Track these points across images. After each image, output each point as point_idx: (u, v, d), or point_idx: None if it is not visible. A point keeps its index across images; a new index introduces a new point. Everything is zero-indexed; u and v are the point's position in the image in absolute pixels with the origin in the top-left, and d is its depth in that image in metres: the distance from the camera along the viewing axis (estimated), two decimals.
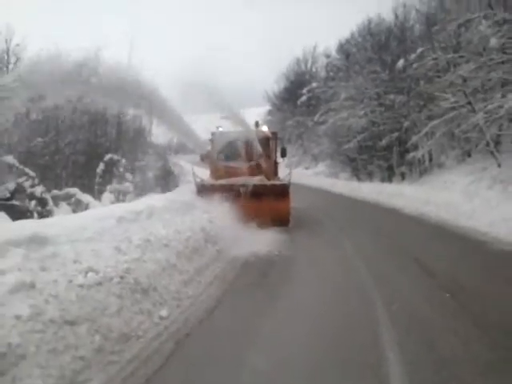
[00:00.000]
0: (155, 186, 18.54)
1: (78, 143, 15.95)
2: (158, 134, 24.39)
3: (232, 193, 9.69)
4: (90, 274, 3.93)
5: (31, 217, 8.84)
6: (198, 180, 10.85)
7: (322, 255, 7.40)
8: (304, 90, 41.49)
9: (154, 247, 5.37)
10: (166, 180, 21.14)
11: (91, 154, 15.37)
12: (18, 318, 3.02)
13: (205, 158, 12.34)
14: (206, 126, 12.70)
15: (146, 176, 18.11)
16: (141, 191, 14.43)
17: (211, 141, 12.10)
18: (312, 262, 6.92)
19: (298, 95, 42.99)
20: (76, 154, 15.05)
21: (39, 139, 13.76)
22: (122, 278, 4.22)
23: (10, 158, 9.67)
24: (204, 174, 11.97)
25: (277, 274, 6.13)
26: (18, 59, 19.01)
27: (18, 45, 19.25)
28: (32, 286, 3.37)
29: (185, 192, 10.94)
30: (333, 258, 7.09)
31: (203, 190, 10.28)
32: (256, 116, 20.55)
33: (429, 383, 3.03)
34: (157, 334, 3.93)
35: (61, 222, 4.96)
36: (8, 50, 19.44)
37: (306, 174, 35.95)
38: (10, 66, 18.32)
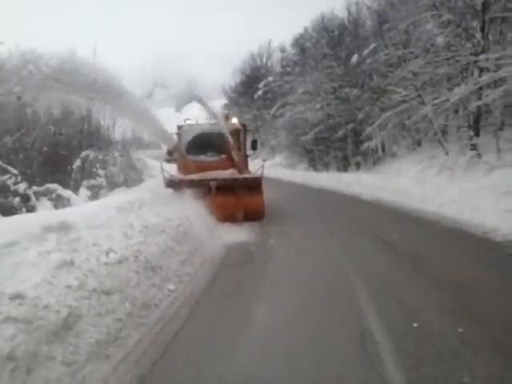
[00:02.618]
0: (121, 182, 18.84)
1: (44, 140, 16.11)
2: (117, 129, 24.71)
3: (202, 188, 9.47)
4: (111, 254, 4.57)
5: (16, 213, 9.24)
6: (167, 175, 10.46)
7: (296, 237, 8.22)
8: (260, 85, 42.31)
9: (153, 232, 6.02)
10: (130, 175, 21.41)
11: (60, 150, 15.62)
12: (68, 287, 3.67)
13: (172, 152, 11.75)
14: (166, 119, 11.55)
15: (112, 172, 18.44)
16: (111, 186, 14.86)
17: (178, 134, 11.58)
18: (288, 243, 7.69)
19: (254, 89, 43.79)
20: (44, 151, 15.25)
21: (7, 137, 13.90)
22: (135, 257, 4.89)
23: None
24: (170, 169, 11.46)
25: (260, 254, 6.89)
26: None
27: None
28: (72, 263, 4.00)
29: (153, 187, 10.99)
30: (306, 241, 7.91)
31: (172, 185, 9.99)
32: None
33: (395, 322, 3.88)
34: (170, 303, 4.64)
35: (74, 211, 5.56)
36: None
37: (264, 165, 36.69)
38: None
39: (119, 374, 3.13)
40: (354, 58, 21.30)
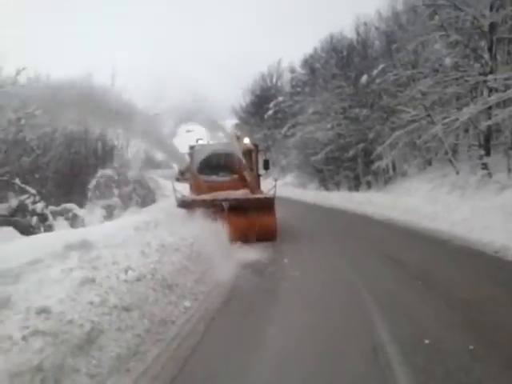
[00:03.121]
0: (134, 201, 19.09)
1: (59, 161, 16.45)
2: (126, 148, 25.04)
3: (215, 208, 9.35)
4: (129, 272, 4.73)
5: (34, 231, 9.48)
6: (179, 195, 10.40)
7: (308, 256, 8.33)
8: (271, 105, 42.80)
9: (168, 251, 6.17)
10: (143, 195, 21.66)
11: (75, 170, 15.96)
12: (91, 303, 3.82)
13: (184, 173, 11.87)
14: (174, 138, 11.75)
15: (126, 191, 18.73)
16: (125, 206, 15.12)
17: (190, 154, 11.58)
18: (300, 262, 7.80)
19: (264, 109, 44.29)
20: (60, 171, 15.58)
21: (25, 158, 14.24)
22: (153, 275, 5.04)
23: (16, 181, 10.32)
24: (182, 188, 11.43)
25: (273, 273, 7.01)
26: None
27: None
28: (93, 280, 4.16)
29: (166, 207, 11.08)
30: (318, 260, 8.02)
31: (184, 205, 9.89)
32: None
33: (407, 337, 3.97)
34: (186, 320, 4.76)
35: (94, 231, 5.75)
36: None
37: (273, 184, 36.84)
38: None
39: None
40: (364, 78, 21.57)
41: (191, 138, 12.48)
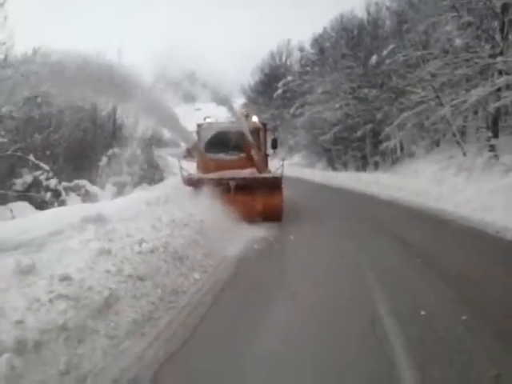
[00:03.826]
0: (143, 179, 19.31)
1: (70, 138, 16.69)
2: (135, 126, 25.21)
3: (221, 187, 9.34)
4: (143, 244, 4.98)
5: (48, 207, 9.76)
6: (185, 173, 10.39)
7: (314, 234, 8.55)
8: (279, 84, 42.60)
9: (178, 226, 6.42)
10: (152, 173, 21.89)
11: (85, 147, 16.21)
12: (107, 272, 4.08)
13: (192, 151, 11.39)
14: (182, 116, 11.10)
15: (135, 169, 18.97)
16: (134, 183, 15.40)
17: (198, 133, 11.52)
18: (306, 240, 8.04)
19: (273, 88, 44.11)
20: (70, 148, 15.84)
21: (36, 135, 14.48)
22: (165, 248, 5.30)
23: (30, 157, 10.60)
24: (188, 167, 11.38)
25: (279, 250, 7.24)
26: (5, 57, 19.43)
27: (4, 43, 19.67)
28: (109, 251, 4.41)
29: (175, 185, 10.82)
30: (323, 238, 8.23)
31: (191, 183, 9.85)
32: None
33: (404, 310, 4.20)
34: (196, 290, 5.02)
35: (107, 205, 5.99)
36: None
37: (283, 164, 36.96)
38: None
39: (154, 349, 3.51)
40: (373, 59, 21.50)
41: (200, 116, 12.49)
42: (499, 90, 13.43)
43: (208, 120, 11.76)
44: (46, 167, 10.96)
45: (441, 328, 3.76)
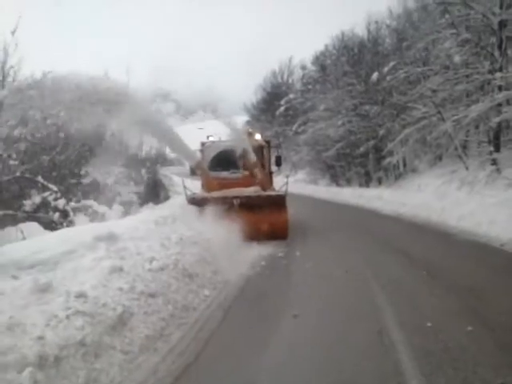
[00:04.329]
0: (149, 198, 19.46)
1: (76, 159, 16.90)
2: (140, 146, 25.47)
3: (226, 205, 9.22)
4: (154, 262, 5.11)
5: (56, 227, 9.92)
6: (189, 193, 10.41)
7: (319, 250, 8.65)
8: (282, 101, 42.98)
9: (187, 244, 6.55)
10: (157, 192, 22.04)
11: (92, 168, 16.41)
12: (120, 289, 4.20)
13: (196, 170, 11.44)
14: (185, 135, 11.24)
15: (140, 188, 19.16)
16: (141, 203, 15.56)
17: (202, 151, 11.58)
18: (312, 255, 8.12)
19: (275, 106, 44.48)
20: (77, 168, 16.04)
21: (44, 156, 14.69)
22: (175, 265, 5.42)
23: (39, 178, 10.82)
24: (193, 185, 11.73)
25: (286, 266, 7.34)
26: (13, 80, 19.77)
27: (12, 67, 20.05)
28: (121, 269, 4.54)
29: (180, 204, 10.91)
30: (329, 253, 8.33)
31: (195, 203, 9.81)
32: None
33: (410, 320, 4.29)
34: (206, 306, 5.13)
35: (117, 224, 6.13)
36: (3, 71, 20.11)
37: (288, 182, 37.13)
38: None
39: (167, 363, 3.62)
40: (375, 76, 21.76)
41: (203, 135, 12.62)
42: (500, 104, 13.61)
43: (211, 138, 11.88)
44: (55, 188, 11.15)
45: (447, 338, 3.84)
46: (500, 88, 13.65)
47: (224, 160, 10.82)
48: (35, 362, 2.75)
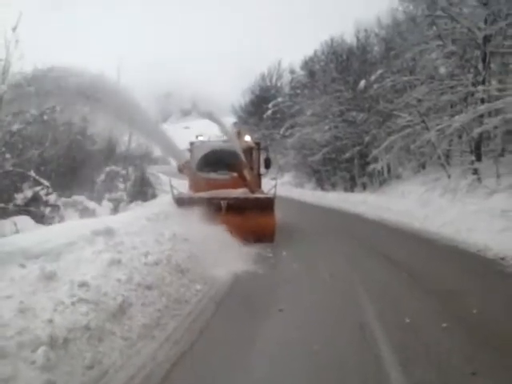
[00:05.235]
0: (136, 196, 19.58)
1: (67, 153, 17.00)
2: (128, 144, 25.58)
3: (212, 206, 9.11)
4: (149, 257, 5.35)
5: (47, 221, 10.07)
6: (176, 192, 10.24)
7: (305, 251, 8.91)
8: (270, 105, 43.26)
9: (179, 241, 6.79)
10: (144, 190, 22.14)
11: (80, 164, 16.53)
12: (119, 281, 4.43)
13: (183, 169, 11.38)
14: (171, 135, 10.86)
15: (127, 186, 19.31)
16: (128, 200, 15.73)
17: (190, 151, 11.45)
18: (298, 256, 8.39)
19: (263, 109, 44.75)
20: (64, 164, 16.15)
21: (33, 151, 14.77)
22: (168, 260, 5.66)
23: (31, 173, 10.96)
24: (181, 185, 11.58)
25: (273, 265, 7.61)
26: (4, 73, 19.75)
27: (1, 60, 20.01)
28: (119, 261, 4.77)
29: (169, 202, 10.69)
30: (314, 254, 8.59)
31: (181, 203, 9.63)
32: None
33: (390, 317, 4.59)
34: (198, 300, 5.37)
35: (111, 220, 6.34)
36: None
37: (273, 184, 37.43)
38: None
39: (165, 349, 3.85)
40: (362, 83, 22.14)
41: (189, 134, 12.68)
42: (482, 116, 14.07)
43: (200, 138, 11.77)
44: (46, 183, 11.30)
45: (423, 333, 4.16)
46: (482, 100, 14.12)
47: (213, 160, 10.64)
48: (47, 342, 2.98)
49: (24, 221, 9.40)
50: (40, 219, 10.10)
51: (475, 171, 14.51)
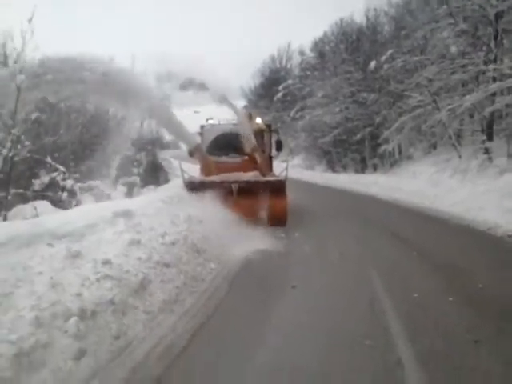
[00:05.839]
0: (149, 180, 19.82)
1: (79, 140, 17.25)
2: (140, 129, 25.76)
3: (224, 190, 9.10)
4: (166, 237, 5.57)
5: (65, 206, 10.37)
6: (186, 176, 10.14)
7: (317, 232, 9.10)
8: (280, 87, 43.14)
9: (194, 222, 7.00)
10: (157, 175, 22.37)
11: (94, 149, 16.79)
12: (139, 259, 4.66)
13: (194, 153, 10.87)
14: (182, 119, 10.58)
15: (140, 170, 19.55)
16: (142, 185, 16.01)
17: (201, 134, 11.43)
18: (310, 237, 8.59)
19: (273, 91, 44.64)
20: (80, 150, 16.40)
21: (48, 138, 15.04)
22: (184, 240, 5.88)
23: (48, 159, 11.27)
24: (192, 169, 11.28)
25: (285, 246, 7.79)
26: (15, 62, 19.95)
27: (15, 49, 20.23)
28: (139, 242, 5.00)
29: (180, 186, 10.61)
30: (326, 235, 8.77)
31: (192, 187, 9.53)
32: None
33: (399, 293, 4.78)
34: (213, 278, 5.60)
35: (129, 203, 6.58)
36: (5, 53, 20.25)
37: (283, 166, 37.51)
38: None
39: (183, 322, 4.09)
40: (372, 64, 22.07)
41: (199, 118, 12.52)
42: (493, 95, 14.04)
43: (211, 122, 11.67)
44: (63, 169, 11.59)
45: (430, 306, 4.35)
46: (494, 79, 14.07)
47: (223, 144, 10.70)
48: (77, 313, 3.21)
49: (43, 205, 9.71)
50: (58, 203, 10.41)
51: (486, 150, 14.53)
